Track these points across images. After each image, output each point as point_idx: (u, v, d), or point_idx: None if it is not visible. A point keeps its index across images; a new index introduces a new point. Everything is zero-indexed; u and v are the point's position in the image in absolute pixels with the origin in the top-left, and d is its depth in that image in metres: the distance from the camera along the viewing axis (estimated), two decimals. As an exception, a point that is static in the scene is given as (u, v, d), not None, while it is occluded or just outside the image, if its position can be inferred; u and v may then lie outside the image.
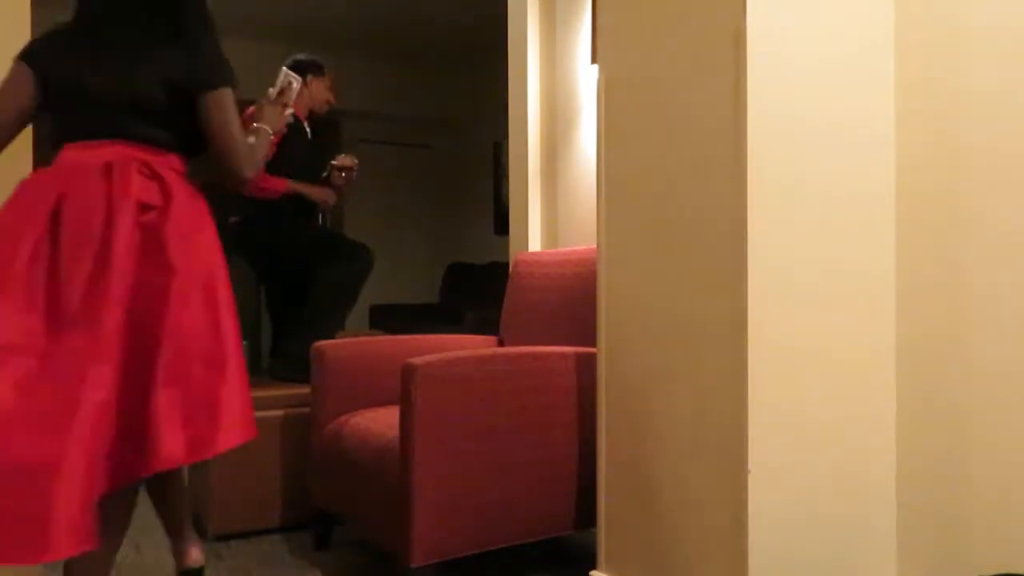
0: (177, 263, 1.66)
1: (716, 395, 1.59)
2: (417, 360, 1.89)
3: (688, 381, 1.65)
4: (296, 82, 2.13)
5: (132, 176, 1.68)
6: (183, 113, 1.80)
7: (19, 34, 2.09)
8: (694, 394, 1.63)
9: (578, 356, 2.13)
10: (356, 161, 3.39)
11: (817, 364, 1.63)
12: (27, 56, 1.80)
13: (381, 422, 2.14)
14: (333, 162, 3.36)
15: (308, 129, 3.38)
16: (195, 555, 1.97)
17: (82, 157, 1.72)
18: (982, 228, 1.62)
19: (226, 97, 1.81)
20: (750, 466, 1.52)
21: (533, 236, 3.12)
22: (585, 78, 2.93)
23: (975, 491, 1.62)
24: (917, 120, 1.72)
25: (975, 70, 1.63)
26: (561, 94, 3.07)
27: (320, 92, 3.37)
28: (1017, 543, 1.57)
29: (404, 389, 1.89)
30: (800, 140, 1.61)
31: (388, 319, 6.43)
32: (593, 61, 2.85)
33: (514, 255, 2.99)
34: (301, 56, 3.25)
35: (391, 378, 2.46)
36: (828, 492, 1.64)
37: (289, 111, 2.19)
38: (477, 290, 6.10)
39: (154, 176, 1.72)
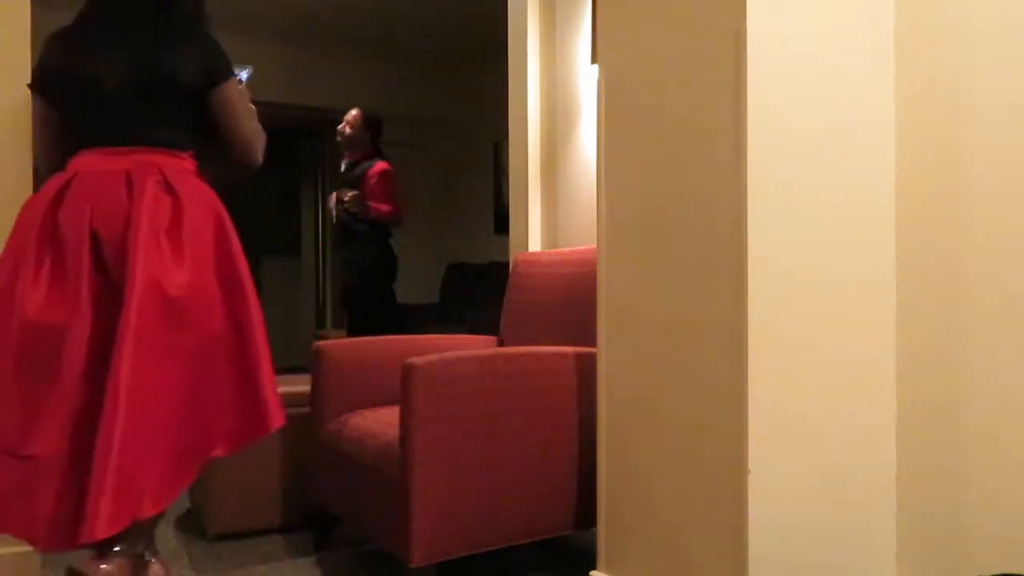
0: (186, 278, 1.70)
1: (716, 395, 1.58)
2: (417, 360, 1.89)
3: (688, 381, 1.65)
4: (248, 70, 2.15)
5: (147, 196, 1.70)
6: (193, 109, 1.81)
7: (19, 34, 2.09)
8: (694, 394, 1.63)
9: (578, 356, 2.13)
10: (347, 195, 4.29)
11: (817, 365, 1.63)
12: (36, 85, 1.83)
13: (381, 422, 2.14)
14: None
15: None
16: (156, 570, 1.88)
17: (103, 165, 1.73)
18: (982, 230, 1.62)
19: (234, 88, 1.84)
20: (750, 466, 1.52)
21: (533, 236, 3.12)
22: (585, 78, 2.93)
23: (975, 492, 1.62)
24: (917, 121, 1.72)
25: (976, 73, 1.63)
26: (561, 94, 3.06)
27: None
28: (1017, 543, 1.57)
29: (404, 389, 1.89)
30: (800, 140, 1.61)
31: (388, 319, 6.43)
32: (593, 61, 2.85)
33: (514, 255, 2.99)
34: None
35: (391, 378, 2.46)
36: (828, 493, 1.64)
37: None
38: (477, 290, 6.09)
39: (169, 190, 1.73)
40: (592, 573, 1.88)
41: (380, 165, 4.33)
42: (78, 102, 1.77)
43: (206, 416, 1.75)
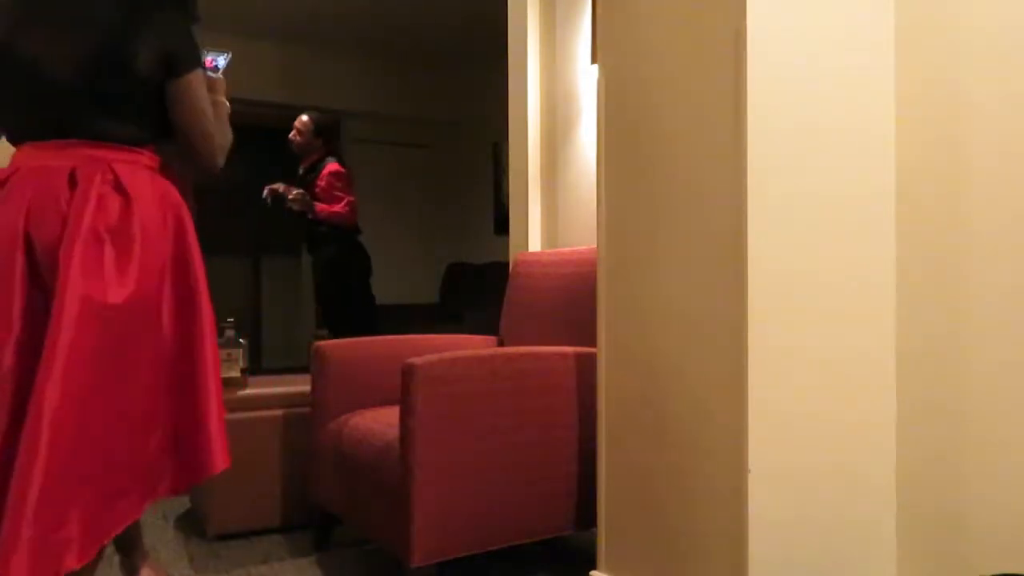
0: (133, 289, 1.51)
1: (716, 395, 1.59)
2: (417, 360, 1.89)
3: (688, 381, 1.65)
4: (226, 56, 1.95)
5: (92, 195, 1.50)
6: (155, 99, 1.61)
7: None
8: (694, 394, 1.63)
9: (578, 356, 2.13)
10: (277, 188, 4.26)
11: (817, 364, 1.63)
12: None
13: (381, 422, 2.14)
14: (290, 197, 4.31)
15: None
16: (149, 573, 1.87)
17: (45, 161, 1.54)
18: (982, 230, 1.62)
19: (198, 80, 1.64)
20: (750, 466, 1.52)
21: (533, 236, 3.12)
22: (585, 78, 2.93)
23: (975, 491, 1.62)
24: (917, 121, 1.72)
25: (976, 72, 1.63)
26: (561, 94, 3.06)
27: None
28: (1017, 543, 1.57)
29: (404, 389, 1.89)
30: (800, 140, 1.61)
31: (388, 319, 6.43)
32: (593, 61, 2.85)
33: (514, 255, 2.99)
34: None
35: (391, 378, 2.46)
36: (828, 492, 1.64)
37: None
38: (477, 290, 6.10)
39: (119, 190, 1.54)
40: (592, 573, 1.88)
41: (331, 166, 4.34)
42: (20, 88, 1.55)
43: (150, 449, 1.55)
